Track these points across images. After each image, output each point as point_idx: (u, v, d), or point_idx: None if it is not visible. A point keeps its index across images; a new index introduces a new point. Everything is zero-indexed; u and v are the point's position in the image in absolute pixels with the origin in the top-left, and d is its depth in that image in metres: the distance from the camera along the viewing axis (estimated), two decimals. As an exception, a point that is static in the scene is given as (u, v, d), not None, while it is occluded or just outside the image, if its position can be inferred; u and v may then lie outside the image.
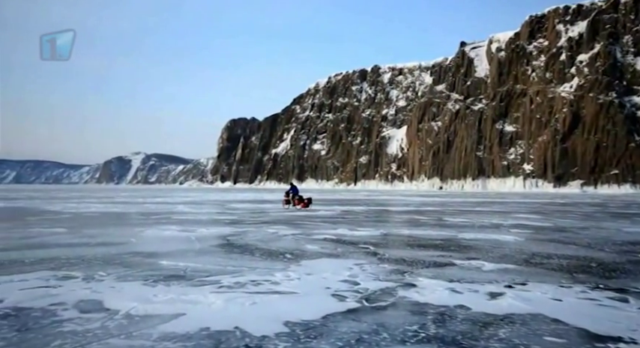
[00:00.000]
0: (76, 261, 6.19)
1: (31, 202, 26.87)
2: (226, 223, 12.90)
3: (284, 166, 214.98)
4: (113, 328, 3.36)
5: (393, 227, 12.09)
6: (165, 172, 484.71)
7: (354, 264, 6.13)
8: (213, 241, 8.63)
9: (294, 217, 15.52)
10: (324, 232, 10.19)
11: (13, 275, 5.19)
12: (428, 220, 14.80)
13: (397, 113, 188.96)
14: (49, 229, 10.67)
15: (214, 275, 5.29)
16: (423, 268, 5.85)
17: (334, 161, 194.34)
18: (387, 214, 18.68)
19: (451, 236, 9.68)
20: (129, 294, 4.35)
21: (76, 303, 4.01)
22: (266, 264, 6.13)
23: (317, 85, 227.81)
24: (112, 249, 7.41)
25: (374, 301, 4.21)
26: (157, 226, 11.58)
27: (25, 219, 13.95)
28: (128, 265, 5.91)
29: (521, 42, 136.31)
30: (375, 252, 7.31)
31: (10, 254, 6.79)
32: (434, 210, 21.30)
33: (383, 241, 8.86)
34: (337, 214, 17.25)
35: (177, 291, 4.49)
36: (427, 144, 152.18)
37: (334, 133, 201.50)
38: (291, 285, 4.84)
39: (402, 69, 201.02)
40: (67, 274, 5.26)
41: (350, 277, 5.24)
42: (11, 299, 4.09)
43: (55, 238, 8.84)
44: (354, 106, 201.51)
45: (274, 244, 8.25)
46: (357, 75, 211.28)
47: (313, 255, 6.96)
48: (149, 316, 3.65)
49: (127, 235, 9.50)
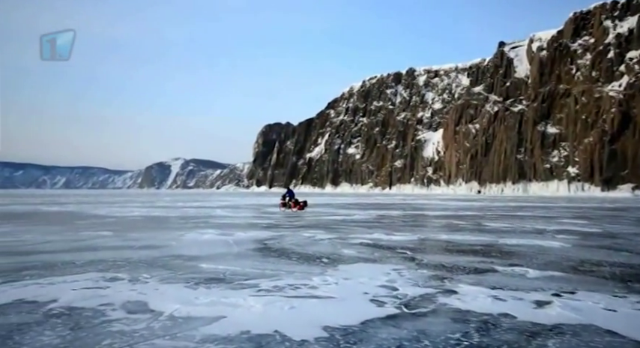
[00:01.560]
0: (122, 263, 6.44)
1: (79, 206, 28.26)
2: (263, 227, 13.06)
3: (318, 170, 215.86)
4: (158, 328, 3.47)
5: (431, 232, 11.85)
6: (203, 177, 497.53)
7: (392, 269, 6.05)
8: (250, 244, 8.76)
9: (330, 221, 15.53)
10: (360, 237, 10.13)
11: (65, 276, 5.46)
12: (466, 224, 14.42)
13: (433, 116, 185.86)
14: (97, 232, 11.17)
15: (253, 279, 5.37)
16: (463, 275, 5.70)
17: (369, 165, 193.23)
18: (424, 219, 18.36)
19: (492, 242, 9.39)
20: (172, 296, 4.48)
21: (123, 304, 4.17)
22: (303, 268, 6.16)
23: (351, 89, 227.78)
24: (155, 252, 7.66)
25: (414, 307, 4.14)
26: (196, 229, 11.88)
27: (74, 222, 14.67)
28: (170, 268, 6.09)
29: (564, 40, 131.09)
30: (413, 257, 7.20)
31: (63, 256, 7.16)
32: (472, 214, 20.75)
33: (420, 246, 8.71)
34: (373, 219, 17.12)
35: (217, 294, 4.59)
36: (464, 147, 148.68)
37: (369, 137, 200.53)
38: (328, 289, 4.83)
39: (438, 71, 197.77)
40: (114, 276, 5.48)
41: (388, 283, 5.17)
42: (65, 299, 4.31)
43: (102, 241, 9.24)
44: (389, 109, 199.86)
45: (311, 248, 8.28)
46: (392, 78, 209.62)
47: (350, 259, 6.94)
48: (191, 318, 3.75)
49: (168, 238, 9.79)
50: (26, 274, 5.63)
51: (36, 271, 5.79)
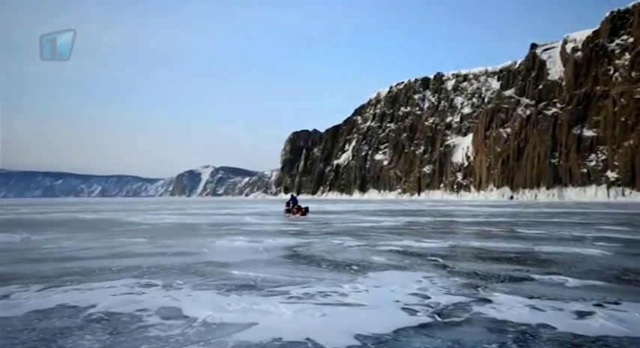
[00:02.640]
0: (156, 270, 6.60)
1: (114, 214, 29.19)
2: (292, 234, 13.12)
3: (346, 176, 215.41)
4: (192, 334, 3.53)
5: (462, 239, 11.59)
6: (232, 185, 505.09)
7: (423, 277, 5.95)
8: (280, 251, 8.81)
9: (358, 228, 15.44)
10: (390, 244, 10.02)
11: (103, 282, 5.64)
12: (499, 231, 14.03)
13: (462, 121, 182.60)
14: (131, 239, 11.50)
15: (283, 286, 5.39)
16: (497, 283, 5.54)
17: (397, 171, 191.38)
18: (455, 225, 17.98)
19: (527, 249, 9.09)
20: (204, 302, 4.55)
21: (158, 309, 4.27)
22: (333, 275, 6.13)
23: (378, 95, 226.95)
24: (187, 258, 7.82)
25: (447, 316, 4.05)
26: (226, 236, 12.05)
27: (110, 230, 15.16)
28: (202, 275, 6.19)
29: (601, 40, 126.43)
30: (445, 265, 7.05)
31: (100, 262, 7.41)
32: (505, 221, 20.17)
33: (452, 254, 8.53)
34: (402, 225, 16.91)
35: (248, 300, 4.63)
36: (495, 152, 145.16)
37: (396, 142, 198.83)
38: (359, 297, 4.80)
39: (467, 75, 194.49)
40: (148, 282, 5.62)
41: (419, 291, 5.09)
42: (103, 304, 4.45)
43: (137, 248, 9.50)
44: (417, 114, 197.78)
45: (340, 255, 8.24)
46: (420, 83, 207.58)
47: (380, 267, 6.86)
48: (224, 325, 3.79)
49: (200, 245, 9.97)
50: (67, 279, 5.85)
51: (76, 277, 6.01)
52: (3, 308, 4.35)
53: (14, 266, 7.14)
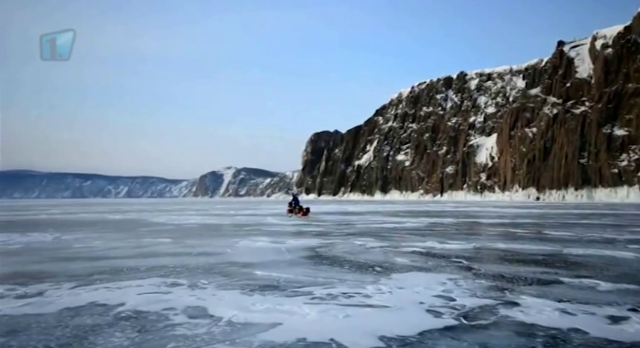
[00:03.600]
0: (181, 269, 6.72)
1: (140, 214, 29.86)
2: (313, 234, 13.14)
3: (367, 177, 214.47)
4: (218, 334, 3.58)
5: (487, 240, 11.38)
6: (254, 185, 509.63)
7: (448, 279, 5.87)
8: (302, 252, 8.83)
9: (380, 229, 15.35)
10: (413, 245, 9.92)
11: (131, 281, 5.78)
12: (526, 233, 13.71)
13: (486, 120, 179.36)
14: (157, 239, 11.73)
15: (306, 286, 5.40)
16: (525, 286, 5.41)
17: (419, 172, 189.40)
18: (479, 227, 17.67)
19: (555, 251, 8.85)
20: (229, 302, 4.61)
21: (184, 309, 4.34)
22: (356, 276, 6.11)
23: (400, 96, 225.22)
24: (211, 259, 7.93)
25: (473, 318, 3.98)
26: (249, 237, 12.16)
27: (137, 230, 15.52)
28: (226, 275, 6.27)
29: (633, 36, 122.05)
30: (469, 266, 6.94)
31: (128, 262, 7.59)
32: (532, 222, 19.70)
33: (477, 255, 8.38)
34: (425, 226, 16.71)
35: (272, 301, 4.66)
36: (521, 152, 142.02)
37: (418, 143, 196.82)
38: (383, 298, 4.77)
39: (491, 74, 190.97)
40: (174, 282, 5.73)
41: (444, 293, 5.02)
42: (131, 303, 4.56)
43: (163, 248, 9.69)
44: (439, 115, 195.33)
45: (362, 256, 8.21)
46: (442, 83, 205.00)
47: (403, 268, 6.80)
48: (249, 324, 3.83)
49: (223, 245, 10.09)
50: (96, 278, 6.02)
51: (105, 276, 6.17)
52: (38, 305, 4.51)
53: (47, 265, 7.39)
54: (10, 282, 5.76)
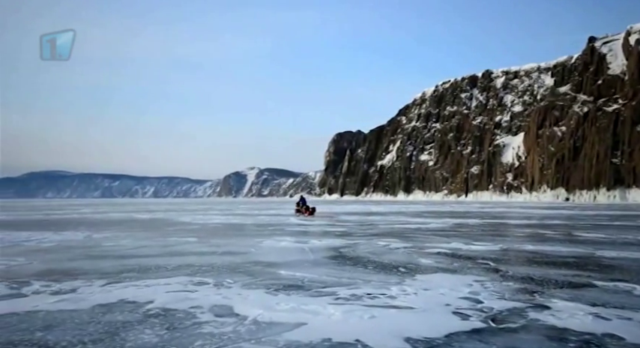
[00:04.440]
0: (207, 268, 6.83)
1: (166, 214, 30.49)
2: (337, 235, 13.13)
3: (390, 177, 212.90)
4: (244, 332, 3.62)
5: (514, 242, 11.12)
6: (277, 186, 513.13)
7: (474, 280, 5.77)
8: (325, 252, 8.84)
9: (404, 229, 15.21)
10: (438, 246, 9.80)
11: (159, 279, 5.91)
12: (555, 234, 13.33)
13: (512, 119, 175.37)
14: (183, 238, 11.96)
15: (330, 286, 5.40)
16: (555, 289, 5.27)
17: (443, 172, 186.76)
18: (506, 228, 17.29)
19: (587, 254, 8.58)
20: (254, 301, 4.65)
21: (211, 307, 4.41)
22: (380, 277, 6.08)
23: (423, 95, 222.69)
24: (236, 258, 8.03)
25: (501, 321, 3.90)
26: (272, 237, 12.25)
27: (164, 229, 15.86)
28: (251, 274, 6.33)
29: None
30: (497, 268, 6.80)
31: (155, 260, 7.77)
32: (561, 224, 19.14)
33: (504, 257, 8.20)
34: (449, 227, 16.47)
35: (297, 300, 4.68)
36: (549, 151, 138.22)
37: (442, 142, 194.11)
38: (408, 300, 4.72)
39: (518, 72, 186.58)
40: (201, 280, 5.82)
41: (471, 295, 4.93)
42: (160, 301, 4.66)
43: (189, 247, 9.87)
44: (464, 114, 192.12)
45: (386, 257, 8.16)
46: (467, 82, 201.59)
47: (428, 269, 6.72)
48: (274, 324, 3.86)
49: (248, 245, 10.21)
50: (125, 276, 6.18)
51: (134, 274, 6.33)
52: (72, 301, 4.67)
53: (79, 262, 7.63)
54: (46, 279, 5.98)
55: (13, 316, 4.12)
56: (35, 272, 6.56)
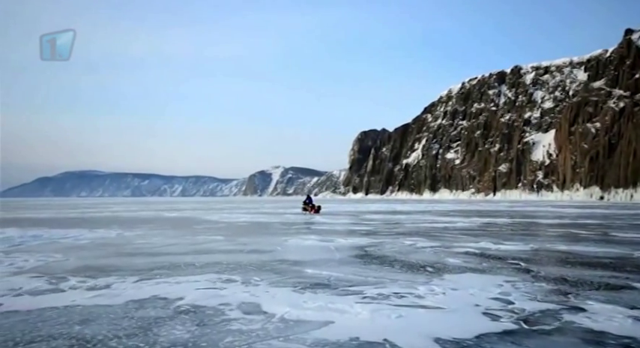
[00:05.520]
0: (234, 266, 6.92)
1: (194, 212, 31.09)
2: (362, 233, 13.09)
3: (416, 176, 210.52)
4: (272, 330, 3.65)
5: (546, 242, 10.81)
6: (302, 184, 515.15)
7: (504, 281, 5.64)
8: (351, 251, 8.83)
9: (430, 228, 15.01)
10: (466, 246, 9.63)
11: (188, 276, 6.04)
12: (590, 234, 12.89)
13: (543, 116, 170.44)
14: (211, 236, 12.17)
15: (357, 285, 5.39)
16: (591, 290, 5.09)
17: (470, 170, 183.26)
18: (536, 227, 16.82)
19: (624, 254, 8.25)
20: (281, 299, 4.69)
21: (239, 304, 4.47)
22: (407, 276, 6.02)
23: (449, 92, 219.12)
24: (263, 256, 8.11)
25: (534, 323, 3.80)
26: (298, 235, 12.32)
27: (192, 227, 16.18)
28: (278, 272, 6.39)
29: None
30: (528, 269, 6.62)
31: (184, 258, 7.94)
32: (596, 223, 18.48)
33: (535, 257, 7.99)
34: (477, 226, 16.15)
35: (324, 299, 4.69)
36: (582, 148, 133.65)
37: (469, 140, 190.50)
38: (436, 300, 4.66)
39: (549, 67, 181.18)
40: (229, 278, 5.91)
41: (501, 295, 4.83)
42: (190, 297, 4.76)
43: (216, 245, 10.03)
44: (492, 111, 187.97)
45: (413, 256, 8.07)
46: (495, 78, 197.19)
47: (456, 269, 6.62)
48: (302, 322, 3.88)
49: (274, 243, 10.29)
50: (157, 272, 6.34)
51: (164, 271, 6.49)
52: (106, 297, 4.83)
53: (112, 259, 7.88)
54: (82, 274, 6.20)
55: (53, 310, 4.30)
56: (72, 268, 6.82)
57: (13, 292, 5.11)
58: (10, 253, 8.66)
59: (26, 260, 7.61)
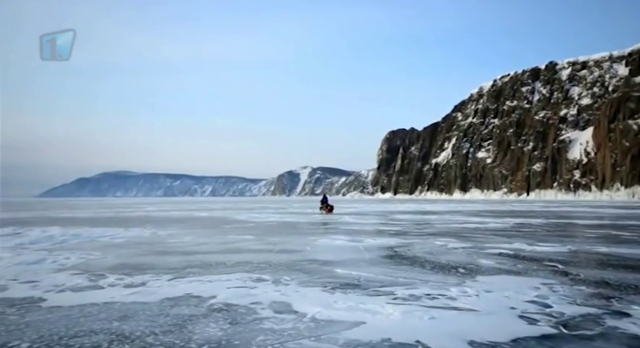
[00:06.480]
0: (264, 265, 6.99)
1: (224, 212, 31.61)
2: (391, 234, 12.96)
3: (445, 175, 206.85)
4: (303, 329, 3.67)
5: (584, 243, 10.39)
6: (329, 184, 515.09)
7: (541, 283, 5.46)
8: (380, 251, 8.76)
9: (461, 229, 14.70)
10: (499, 247, 9.38)
11: (220, 275, 6.14)
12: (633, 236, 12.31)
13: (580, 113, 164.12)
14: (240, 236, 12.34)
15: (387, 286, 5.34)
16: (636, 295, 4.85)
17: (502, 170, 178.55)
18: (573, 228, 16.20)
19: (670, 258, 7.83)
20: (312, 299, 4.70)
21: (270, 303, 4.51)
22: (438, 278, 5.92)
23: (480, 90, 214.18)
24: (292, 256, 8.15)
25: (575, 328, 3.65)
26: (327, 235, 12.32)
27: (222, 227, 16.45)
28: (307, 272, 6.40)
29: None
30: (566, 271, 6.39)
31: (216, 257, 8.08)
32: (639, 224, 17.62)
33: (573, 259, 7.69)
34: (510, 227, 15.71)
35: (354, 299, 4.67)
36: (623, 146, 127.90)
37: (501, 139, 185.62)
38: (469, 302, 4.56)
39: (586, 62, 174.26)
40: (259, 277, 5.97)
41: (538, 298, 4.67)
42: (222, 296, 4.84)
43: (246, 244, 10.16)
44: (525, 108, 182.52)
45: (444, 257, 7.93)
46: (528, 74, 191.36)
47: (489, 271, 6.45)
48: (333, 322, 3.87)
49: (303, 243, 10.33)
50: (189, 271, 6.48)
51: (197, 269, 6.63)
52: (142, 294, 4.97)
53: (147, 257, 8.11)
54: (119, 272, 6.41)
55: (93, 306, 4.46)
56: (109, 266, 7.06)
57: (56, 289, 5.35)
58: (53, 250, 9.06)
59: (68, 258, 7.94)
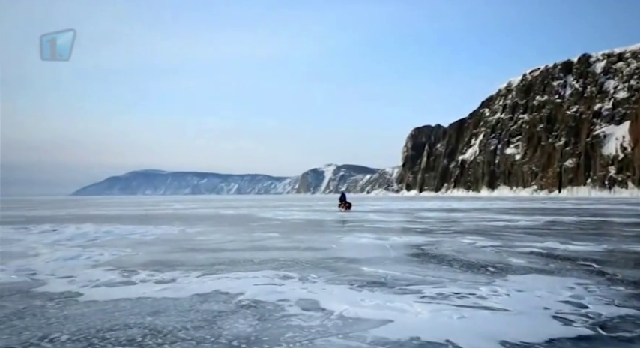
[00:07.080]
0: (291, 263, 7.04)
1: (249, 210, 32.00)
2: (418, 232, 12.82)
3: (472, 173, 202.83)
4: (331, 326, 3.67)
5: (621, 242, 10.00)
6: (354, 182, 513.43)
7: (575, 283, 5.29)
8: (407, 249, 8.68)
9: (490, 227, 14.40)
10: (530, 245, 9.14)
11: (247, 272, 6.22)
12: (672, 235, 11.76)
13: (615, 107, 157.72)
14: (266, 233, 12.46)
15: (415, 284, 5.29)
16: (677, 296, 4.64)
17: (532, 166, 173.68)
18: (609, 226, 15.62)
19: None
20: (339, 296, 4.70)
21: (297, 301, 4.54)
22: (467, 276, 5.82)
23: (509, 85, 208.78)
24: (318, 253, 8.17)
25: (612, 329, 3.52)
26: (352, 233, 12.29)
27: (248, 224, 16.65)
28: (334, 269, 6.41)
29: None
30: (602, 271, 6.16)
31: (243, 254, 8.19)
32: (679, 223, 16.83)
33: (609, 258, 7.41)
34: (541, 225, 15.28)
35: (381, 297, 4.64)
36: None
37: (531, 135, 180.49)
38: (500, 301, 4.46)
39: (622, 54, 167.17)
40: (286, 274, 6.02)
41: (572, 299, 4.53)
42: (250, 292, 4.90)
43: (272, 242, 10.25)
44: (556, 103, 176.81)
45: (473, 255, 7.79)
46: (559, 68, 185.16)
47: (520, 270, 6.30)
48: (360, 319, 3.86)
49: (329, 241, 10.34)
50: (217, 268, 6.59)
51: (224, 266, 6.74)
52: (173, 290, 5.09)
53: (176, 254, 8.30)
54: (150, 268, 6.59)
55: (126, 301, 4.60)
56: (141, 262, 7.26)
57: (92, 284, 5.54)
58: (87, 247, 9.38)
59: (101, 254, 8.21)
